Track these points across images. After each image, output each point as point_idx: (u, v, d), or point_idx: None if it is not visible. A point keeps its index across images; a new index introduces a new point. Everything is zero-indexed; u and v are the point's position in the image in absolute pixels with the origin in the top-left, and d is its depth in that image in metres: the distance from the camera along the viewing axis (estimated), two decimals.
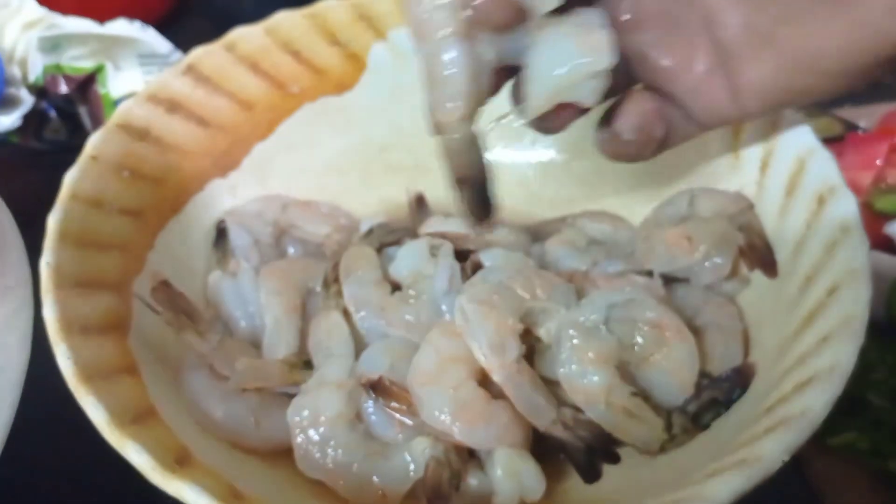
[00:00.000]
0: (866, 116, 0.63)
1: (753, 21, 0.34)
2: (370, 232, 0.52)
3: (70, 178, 0.44)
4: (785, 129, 0.44)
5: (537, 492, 0.40)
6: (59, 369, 0.37)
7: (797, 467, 0.46)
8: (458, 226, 0.51)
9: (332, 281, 0.48)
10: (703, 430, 0.40)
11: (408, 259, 0.49)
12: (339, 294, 0.47)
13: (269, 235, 0.54)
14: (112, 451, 0.35)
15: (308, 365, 0.46)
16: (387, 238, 0.51)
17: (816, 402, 0.33)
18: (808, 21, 0.33)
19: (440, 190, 0.56)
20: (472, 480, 0.41)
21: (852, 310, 0.36)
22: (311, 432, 0.41)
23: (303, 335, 0.48)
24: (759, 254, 0.44)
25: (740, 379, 0.41)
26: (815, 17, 0.32)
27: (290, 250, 0.55)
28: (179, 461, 0.35)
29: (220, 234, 0.53)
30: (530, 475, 0.40)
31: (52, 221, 0.42)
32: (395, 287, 0.48)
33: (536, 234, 0.53)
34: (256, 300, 0.49)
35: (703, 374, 0.42)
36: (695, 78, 0.34)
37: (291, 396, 0.44)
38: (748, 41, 0.34)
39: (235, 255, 0.52)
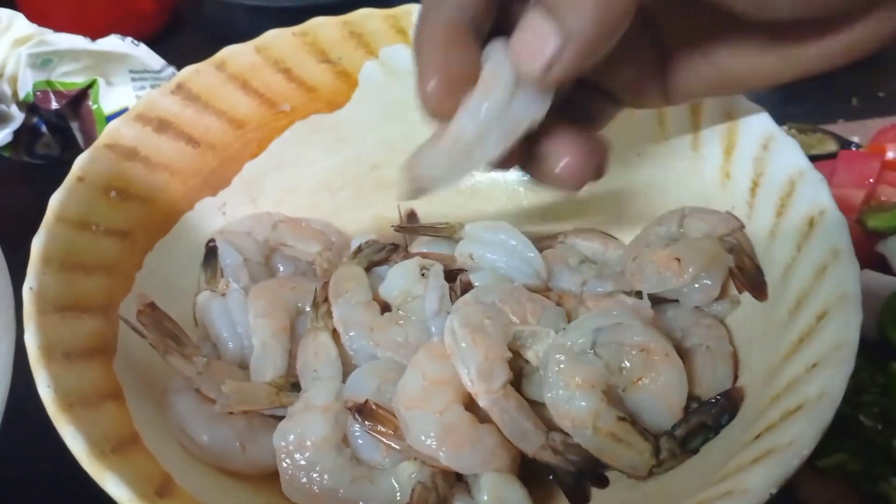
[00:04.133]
0: (860, 132, 0.63)
1: (697, 37, 0.36)
2: (359, 250, 0.51)
3: (55, 199, 0.44)
4: (776, 148, 0.44)
5: None
6: None
7: (787, 488, 0.46)
8: (448, 247, 0.51)
9: (322, 301, 0.48)
10: (691, 455, 0.40)
11: (398, 279, 0.48)
12: (329, 314, 0.47)
13: (259, 254, 0.53)
14: None
15: (296, 387, 0.45)
16: (375, 257, 0.51)
17: (805, 433, 0.32)
18: (745, 47, 0.35)
19: (432, 207, 0.57)
20: None
21: (842, 336, 0.35)
22: (297, 457, 0.41)
23: (292, 355, 0.47)
24: (748, 275, 0.44)
25: (729, 403, 0.40)
26: (753, 46, 0.35)
27: (281, 269, 0.55)
28: (160, 491, 0.35)
29: (210, 253, 0.52)
30: (517, 500, 0.40)
31: (36, 245, 0.41)
32: (385, 307, 0.48)
33: None
34: (245, 321, 0.48)
35: (692, 398, 0.42)
36: (636, 83, 0.38)
37: (279, 418, 0.44)
38: (688, 53, 0.37)
39: (225, 275, 0.52)
